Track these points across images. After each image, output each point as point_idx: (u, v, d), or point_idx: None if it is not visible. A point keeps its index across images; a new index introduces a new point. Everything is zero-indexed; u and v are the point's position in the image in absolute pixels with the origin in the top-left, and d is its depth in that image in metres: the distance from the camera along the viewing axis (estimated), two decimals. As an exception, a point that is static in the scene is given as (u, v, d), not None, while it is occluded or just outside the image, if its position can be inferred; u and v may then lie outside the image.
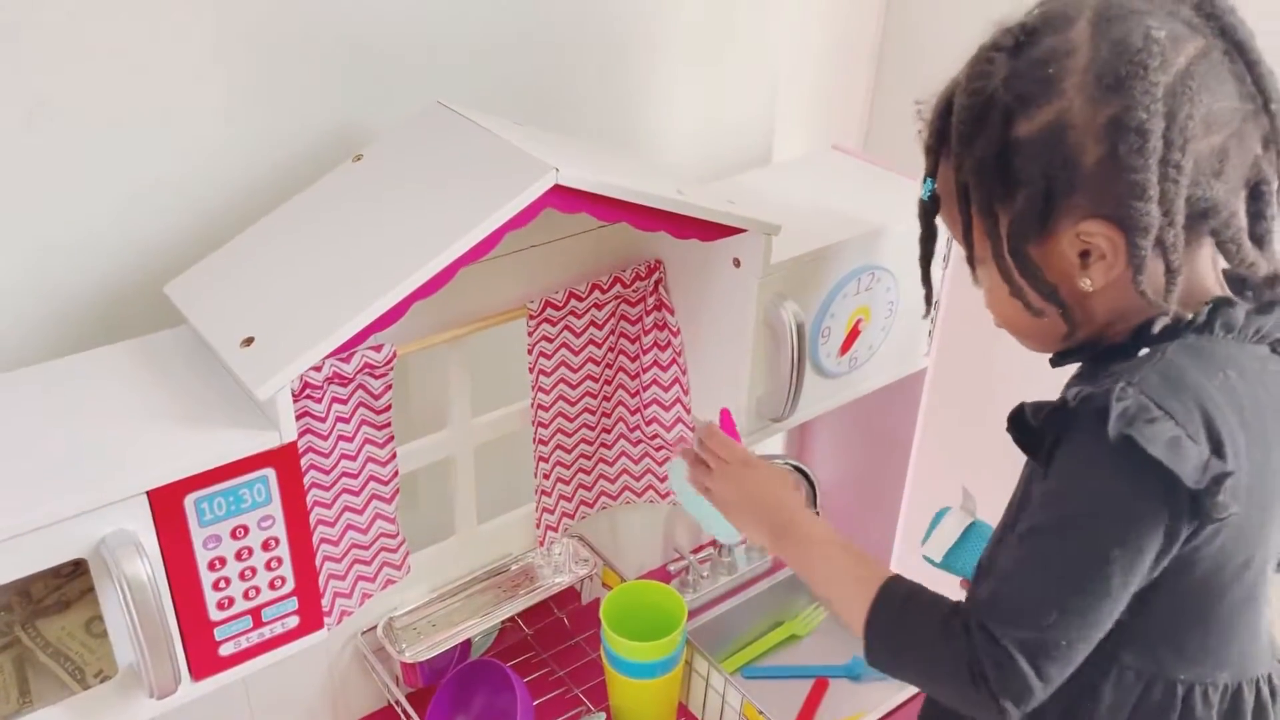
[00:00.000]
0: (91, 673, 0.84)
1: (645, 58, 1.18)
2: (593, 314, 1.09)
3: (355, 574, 1.02)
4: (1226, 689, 0.82)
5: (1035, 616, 0.74)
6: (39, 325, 0.90)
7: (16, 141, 0.84)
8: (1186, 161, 0.71)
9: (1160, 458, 0.69)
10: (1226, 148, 0.73)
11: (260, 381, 0.77)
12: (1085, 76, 0.72)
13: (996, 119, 0.75)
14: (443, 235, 0.81)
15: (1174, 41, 0.71)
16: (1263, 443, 0.75)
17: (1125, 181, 0.71)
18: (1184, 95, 0.71)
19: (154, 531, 0.76)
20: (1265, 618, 0.82)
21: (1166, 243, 0.73)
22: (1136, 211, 0.71)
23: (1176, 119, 0.70)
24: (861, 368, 1.18)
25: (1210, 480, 0.70)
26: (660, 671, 1.09)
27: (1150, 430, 0.70)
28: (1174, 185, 0.71)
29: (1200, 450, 0.71)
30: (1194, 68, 0.71)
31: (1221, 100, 0.72)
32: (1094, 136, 0.72)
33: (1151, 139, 0.70)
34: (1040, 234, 0.76)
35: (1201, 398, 0.73)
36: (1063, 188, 0.74)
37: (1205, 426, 0.72)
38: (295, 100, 0.96)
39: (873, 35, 1.40)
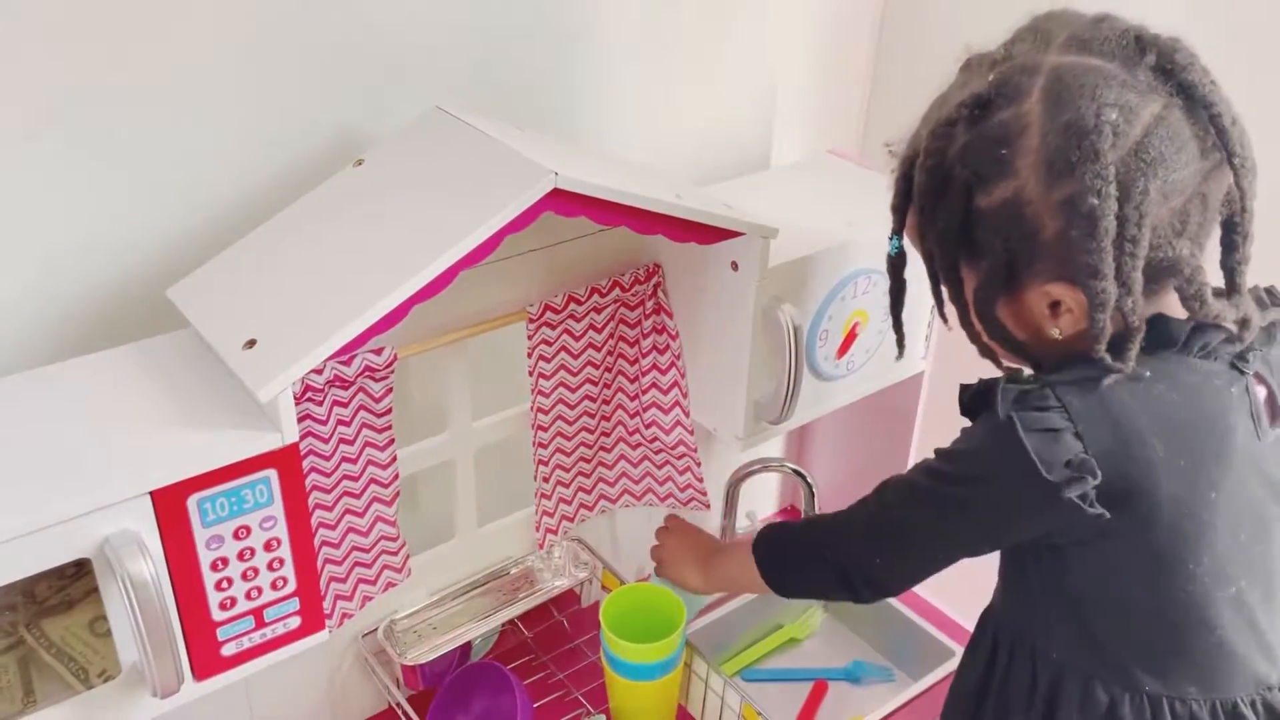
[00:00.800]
0: (95, 672, 0.84)
1: (644, 64, 1.18)
2: (592, 317, 1.10)
3: (356, 576, 1.03)
4: (1200, 705, 0.82)
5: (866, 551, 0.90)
6: (43, 329, 0.91)
7: (19, 147, 0.85)
8: (1144, 234, 0.72)
9: (1029, 444, 0.73)
10: (1188, 210, 0.73)
11: (262, 383, 0.78)
12: (1037, 158, 0.73)
13: (957, 191, 0.77)
14: (443, 239, 0.82)
15: (1127, 114, 0.71)
16: (1189, 453, 0.76)
17: (1081, 260, 0.73)
18: (1139, 170, 0.71)
19: (157, 532, 0.77)
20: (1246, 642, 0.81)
21: (1125, 309, 0.74)
22: (1092, 288, 0.73)
23: (1132, 196, 0.71)
24: (859, 371, 1.19)
25: (1069, 478, 0.73)
26: (660, 673, 1.10)
27: (1032, 417, 0.74)
28: (1130, 259, 0.72)
29: (1076, 447, 0.73)
30: (1150, 138, 0.71)
31: (1180, 167, 0.72)
32: (1050, 213, 0.73)
33: (1103, 222, 0.71)
34: (1006, 296, 0.79)
35: (1111, 402, 0.75)
36: (1025, 257, 0.76)
37: (1109, 429, 0.74)
38: (296, 106, 0.97)
39: (869, 40, 1.41)
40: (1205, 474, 0.76)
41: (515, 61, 1.08)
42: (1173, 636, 0.81)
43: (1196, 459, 0.76)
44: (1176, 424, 0.76)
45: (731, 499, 1.35)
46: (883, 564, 0.89)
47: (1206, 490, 0.76)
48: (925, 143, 0.78)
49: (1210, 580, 0.78)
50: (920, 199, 0.80)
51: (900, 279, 0.90)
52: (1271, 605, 0.82)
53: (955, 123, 0.76)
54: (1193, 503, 0.76)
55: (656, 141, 1.24)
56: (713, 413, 1.15)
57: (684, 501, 1.23)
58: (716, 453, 1.36)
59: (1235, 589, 0.79)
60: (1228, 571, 0.79)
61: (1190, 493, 0.76)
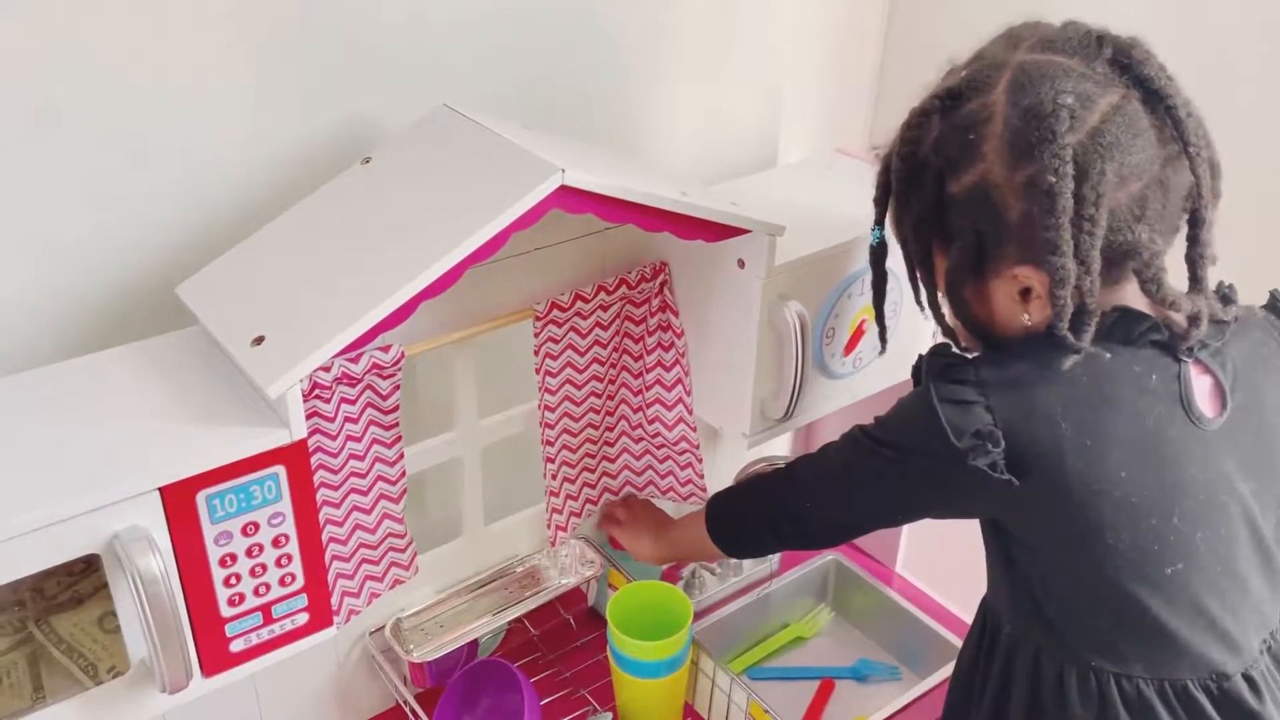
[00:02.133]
0: (104, 668, 0.84)
1: (651, 63, 1.19)
2: (598, 315, 1.10)
3: (363, 574, 1.03)
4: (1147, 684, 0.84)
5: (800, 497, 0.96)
6: (52, 326, 0.91)
7: (26, 144, 0.85)
8: (1101, 214, 0.76)
9: (941, 413, 0.79)
10: (1145, 195, 0.77)
11: (271, 380, 0.78)
12: (1001, 142, 0.78)
13: (930, 179, 0.83)
14: (450, 236, 0.82)
15: (1085, 101, 0.76)
16: (1095, 433, 0.79)
17: (1042, 238, 0.77)
18: (1096, 153, 0.75)
19: (166, 528, 0.77)
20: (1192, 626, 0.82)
21: (1083, 289, 0.78)
22: (1053, 265, 0.77)
23: (1089, 176, 0.75)
24: (866, 369, 1.19)
25: (974, 446, 0.78)
26: (666, 671, 1.10)
27: (948, 389, 0.80)
28: (1088, 238, 0.77)
29: (985, 419, 0.78)
30: (1106, 125, 0.76)
31: (1137, 151, 0.77)
32: (1014, 194, 0.78)
33: (1061, 199, 0.75)
34: (975, 280, 0.84)
35: (1023, 381, 0.80)
36: (993, 239, 0.81)
37: (1018, 405, 0.79)
38: (305, 104, 0.97)
39: (876, 39, 1.41)
40: (1113, 454, 0.79)
41: (523, 61, 1.09)
42: (1107, 614, 0.83)
43: (1102, 439, 0.79)
44: (1085, 404, 0.79)
45: (738, 497, 1.35)
46: (812, 510, 0.96)
47: (1115, 469, 0.79)
48: (900, 133, 0.85)
49: (1134, 558, 0.80)
50: (896, 186, 0.86)
51: (882, 270, 0.95)
52: (1226, 592, 0.83)
53: (929, 114, 0.83)
54: (1101, 481, 0.79)
55: (663, 140, 1.24)
56: (719, 410, 1.15)
57: (684, 496, 1.23)
58: (722, 451, 1.36)
59: (1170, 570, 0.81)
60: (1156, 551, 0.80)
61: (1097, 470, 0.79)
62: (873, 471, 0.88)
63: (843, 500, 0.94)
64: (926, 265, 0.87)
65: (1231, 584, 0.83)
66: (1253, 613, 0.84)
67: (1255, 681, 0.85)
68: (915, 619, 1.36)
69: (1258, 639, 0.85)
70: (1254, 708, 0.84)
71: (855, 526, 0.98)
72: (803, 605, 1.46)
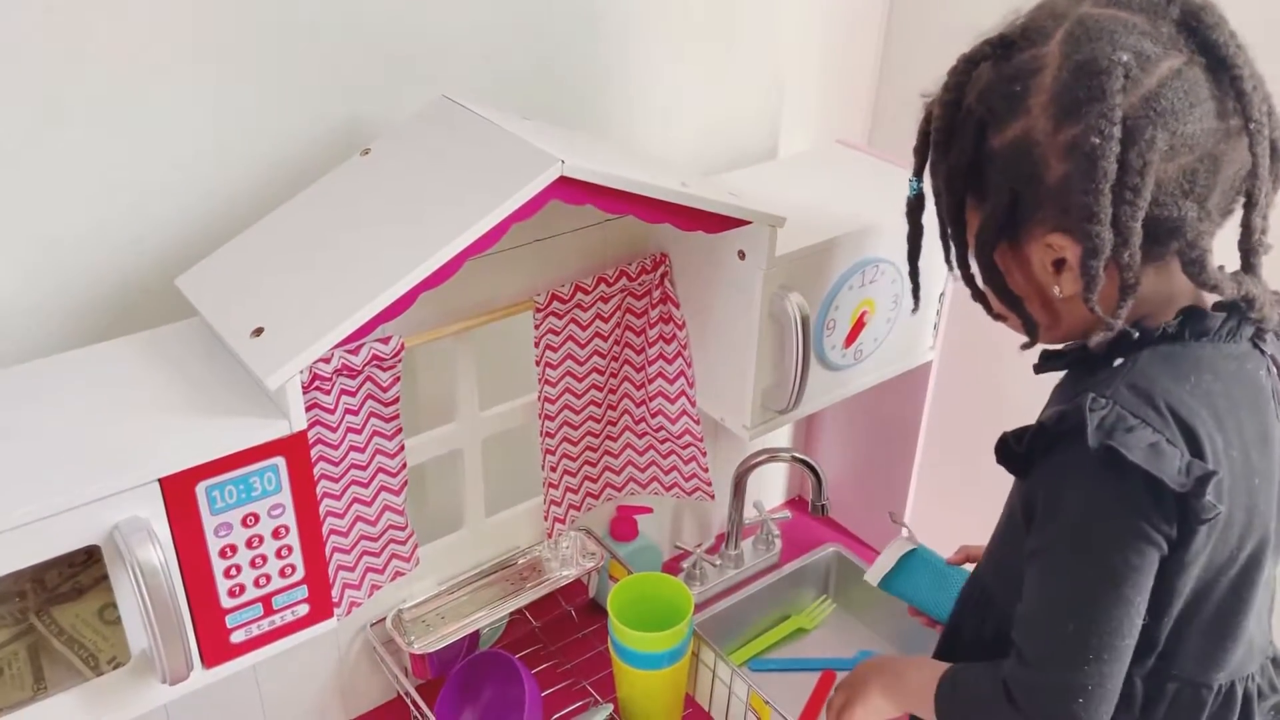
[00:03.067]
0: (105, 659, 0.85)
1: (652, 54, 1.18)
2: (599, 307, 1.10)
3: (364, 565, 1.03)
4: (1220, 689, 0.82)
5: (1066, 659, 0.76)
6: (52, 318, 0.91)
7: (30, 138, 0.85)
8: (1145, 185, 0.71)
9: (1141, 463, 0.71)
10: (1195, 169, 0.72)
11: (270, 371, 0.78)
12: (1048, 96, 0.73)
13: (970, 130, 0.77)
14: (450, 227, 0.82)
15: (1143, 62, 0.71)
16: (1240, 441, 0.76)
17: (1079, 203, 0.72)
18: (1147, 118, 0.70)
19: (166, 519, 0.77)
20: (1252, 617, 0.82)
21: (1121, 262, 0.73)
22: (1088, 232, 0.73)
23: (1137, 142, 0.70)
24: (867, 360, 1.19)
25: (1195, 482, 0.71)
26: (667, 662, 1.10)
27: (1129, 438, 0.72)
28: (1129, 208, 0.71)
29: (1180, 453, 0.73)
30: (1163, 89, 0.71)
31: (1193, 122, 0.71)
32: (1056, 154, 0.73)
33: (1103, 163, 0.70)
34: (1007, 241, 0.79)
35: (1174, 403, 0.74)
36: (1028, 201, 0.76)
37: (1181, 431, 0.74)
38: (304, 95, 0.97)
39: (877, 30, 1.41)
40: (1249, 461, 0.77)
41: (523, 52, 1.08)
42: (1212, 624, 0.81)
43: (1241, 448, 0.76)
44: (1224, 415, 0.76)
45: (739, 489, 1.35)
46: (1080, 683, 0.76)
47: (1251, 477, 0.77)
48: (946, 79, 0.79)
49: (1247, 564, 0.79)
50: (935, 134, 0.80)
51: (918, 224, 0.88)
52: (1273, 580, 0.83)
53: (978, 61, 0.77)
54: (1242, 490, 0.77)
55: (664, 131, 1.24)
56: (720, 402, 1.15)
57: (689, 492, 1.23)
58: (724, 443, 1.36)
59: (1267, 574, 0.80)
60: (1262, 554, 0.79)
61: (1240, 482, 0.76)
62: (1103, 575, 0.75)
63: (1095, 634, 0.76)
64: (958, 222, 0.81)
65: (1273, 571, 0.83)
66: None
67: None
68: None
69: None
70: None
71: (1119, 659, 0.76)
72: (804, 597, 1.46)
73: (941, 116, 0.79)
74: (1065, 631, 0.76)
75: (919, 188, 0.86)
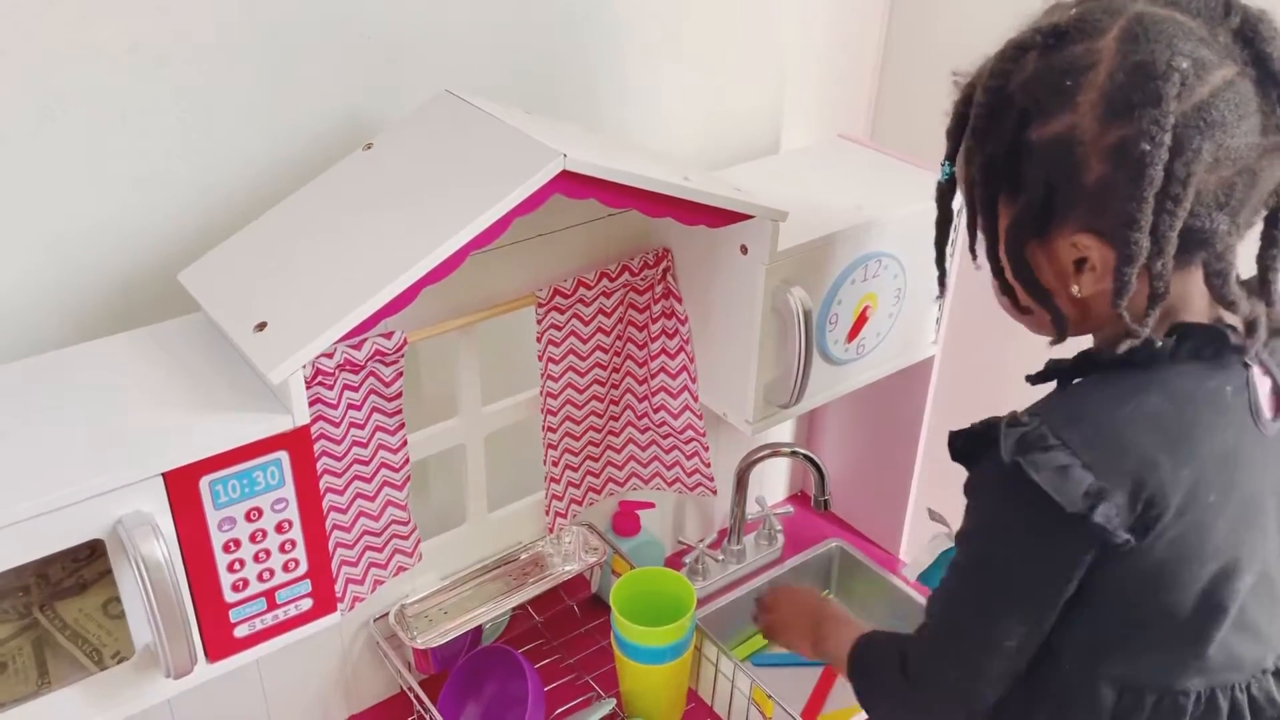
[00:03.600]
0: (109, 654, 0.85)
1: (653, 49, 1.18)
2: (601, 302, 1.10)
3: (367, 560, 1.03)
4: (1200, 696, 0.81)
5: (952, 645, 0.83)
6: (56, 313, 0.91)
7: (32, 134, 0.85)
8: (1187, 194, 0.70)
9: (1042, 483, 0.72)
10: (1234, 182, 0.72)
11: (273, 365, 0.78)
12: (1100, 94, 0.71)
13: (1011, 119, 0.75)
14: (452, 221, 0.82)
15: (1200, 70, 0.69)
16: (1194, 461, 0.75)
17: (1119, 208, 0.71)
18: (1197, 128, 0.69)
19: (170, 513, 0.77)
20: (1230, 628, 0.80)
21: (1154, 270, 0.73)
22: (1126, 238, 0.72)
23: (1184, 152, 0.69)
24: (869, 355, 1.19)
25: (1088, 507, 0.72)
26: (670, 657, 1.10)
27: (1041, 458, 0.73)
28: (1169, 217, 0.71)
29: (1087, 478, 0.73)
30: (1216, 99, 0.70)
31: (1239, 136, 0.70)
32: (1099, 155, 0.72)
33: (1151, 170, 0.69)
34: (1037, 237, 0.78)
35: (1109, 428, 0.75)
36: (1064, 198, 0.75)
37: (1111, 454, 0.73)
38: (306, 90, 0.97)
39: (879, 24, 1.41)
40: (1204, 479, 0.75)
41: (524, 46, 1.08)
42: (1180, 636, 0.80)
43: (1195, 466, 0.75)
44: (1175, 435, 0.75)
45: (741, 484, 1.35)
46: (962, 672, 0.83)
47: (1206, 494, 0.75)
48: (992, 64, 0.77)
49: (1214, 579, 0.77)
50: (975, 120, 0.78)
51: (948, 208, 0.87)
52: (1263, 593, 0.81)
53: (1028, 49, 0.75)
54: (1196, 509, 0.75)
55: (667, 126, 1.23)
56: (723, 397, 1.15)
57: (691, 488, 1.23)
58: (727, 438, 1.36)
59: (1239, 585, 0.78)
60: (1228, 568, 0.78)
61: (1192, 501, 0.75)
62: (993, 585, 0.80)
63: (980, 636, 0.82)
64: (989, 214, 0.80)
65: (1268, 585, 0.81)
66: None
67: None
68: (919, 606, 1.36)
69: None
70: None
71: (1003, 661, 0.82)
72: (806, 592, 1.46)
73: (984, 103, 0.77)
74: (955, 621, 0.83)
75: (951, 171, 0.84)
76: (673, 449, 1.22)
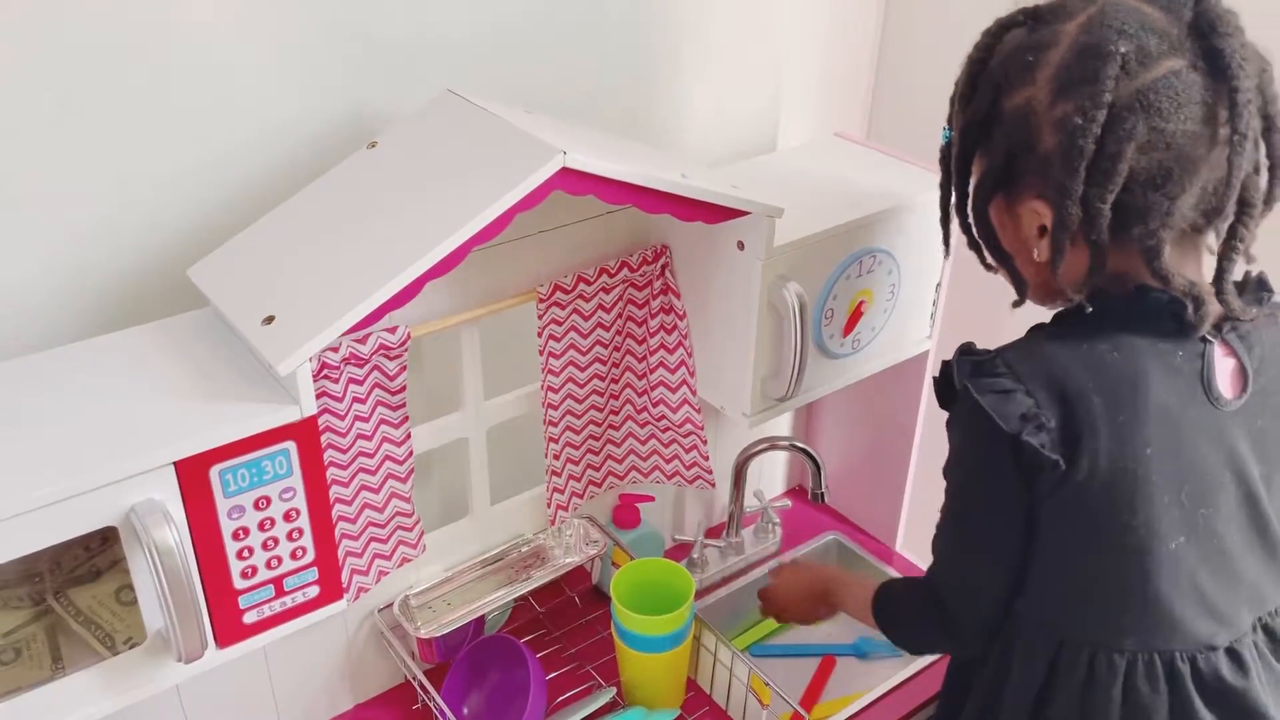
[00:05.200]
0: (121, 640, 0.87)
1: (651, 48, 1.20)
2: (600, 297, 1.12)
3: (372, 552, 1.05)
4: (1137, 658, 0.84)
5: (946, 566, 0.92)
6: (68, 308, 0.93)
7: (46, 132, 0.87)
8: (1117, 170, 0.76)
9: (984, 404, 0.81)
10: (1170, 167, 0.76)
11: (281, 357, 0.80)
12: (1053, 71, 0.79)
13: (988, 90, 0.83)
14: (455, 217, 0.84)
15: (1143, 57, 0.75)
16: (1126, 408, 0.80)
17: (1057, 177, 0.78)
18: (1132, 110, 0.75)
19: (181, 501, 0.79)
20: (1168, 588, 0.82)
21: (1089, 239, 0.79)
22: (1059, 205, 0.79)
23: (1118, 129, 0.75)
24: (865, 349, 1.20)
25: (1023, 427, 0.79)
26: (670, 645, 1.12)
27: (986, 383, 0.82)
28: (1097, 189, 0.77)
29: (1026, 403, 0.80)
30: (1157, 85, 0.75)
31: (1176, 123, 0.75)
32: (1050, 127, 0.79)
33: (1081, 142, 0.76)
34: (999, 199, 0.85)
35: (1054, 363, 0.81)
36: (1022, 164, 0.82)
37: (1049, 386, 0.80)
38: (312, 90, 0.99)
39: (875, 23, 1.42)
40: (1142, 431, 0.80)
41: (525, 46, 1.10)
42: (1108, 587, 0.84)
43: (1133, 416, 0.80)
44: (1116, 381, 0.81)
45: (739, 477, 1.37)
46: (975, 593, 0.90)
47: (1142, 446, 0.80)
48: (980, 39, 0.85)
49: (1145, 534, 0.82)
50: (961, 87, 0.86)
51: (949, 170, 0.92)
52: (1219, 567, 0.84)
53: (1010, 27, 0.83)
54: (1127, 457, 0.80)
55: (664, 125, 1.25)
56: (720, 391, 1.16)
57: (690, 480, 1.25)
58: (724, 431, 1.38)
59: (1174, 544, 0.82)
60: (1163, 527, 0.82)
61: (1128, 448, 0.80)
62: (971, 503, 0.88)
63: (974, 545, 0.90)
64: (963, 172, 0.88)
65: (1222, 560, 0.84)
66: (1248, 589, 0.86)
67: (1240, 656, 0.85)
68: (915, 597, 1.38)
69: (1250, 616, 0.86)
70: (1233, 683, 0.85)
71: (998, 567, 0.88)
72: (804, 584, 1.47)
73: (967, 73, 0.85)
74: (948, 549, 0.91)
75: (950, 135, 0.91)
76: (672, 442, 1.23)
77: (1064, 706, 0.87)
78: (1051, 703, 0.88)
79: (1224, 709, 0.85)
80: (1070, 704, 0.87)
